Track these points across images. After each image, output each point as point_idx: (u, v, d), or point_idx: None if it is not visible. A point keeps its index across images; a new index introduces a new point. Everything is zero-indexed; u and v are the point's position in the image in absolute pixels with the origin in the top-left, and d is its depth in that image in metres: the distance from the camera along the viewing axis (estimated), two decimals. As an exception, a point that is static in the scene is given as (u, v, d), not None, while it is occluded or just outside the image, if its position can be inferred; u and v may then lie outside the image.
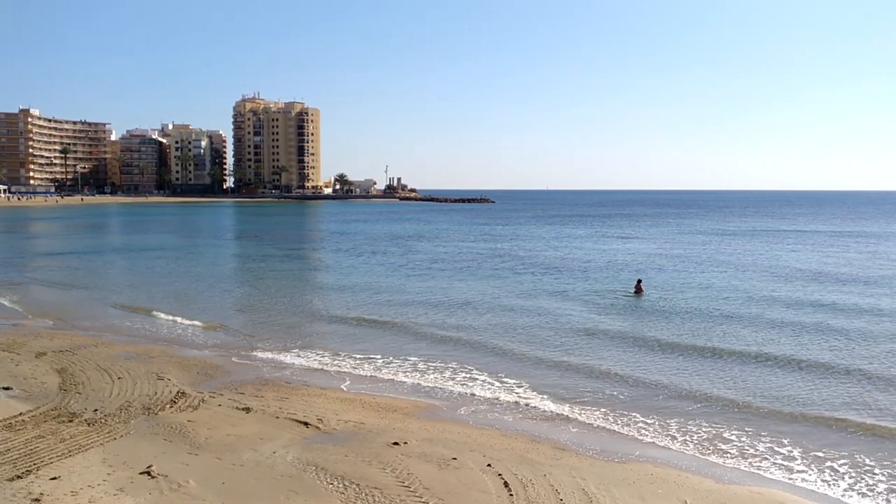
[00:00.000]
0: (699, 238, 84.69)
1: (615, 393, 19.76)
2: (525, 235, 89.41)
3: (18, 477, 11.82)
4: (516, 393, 19.70)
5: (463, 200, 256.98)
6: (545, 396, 19.35)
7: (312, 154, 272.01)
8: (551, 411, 18.11)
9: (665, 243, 76.19)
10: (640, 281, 39.72)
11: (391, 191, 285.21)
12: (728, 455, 15.13)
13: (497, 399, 19.17)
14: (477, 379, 21.10)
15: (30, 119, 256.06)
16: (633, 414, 17.89)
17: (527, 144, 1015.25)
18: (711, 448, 15.54)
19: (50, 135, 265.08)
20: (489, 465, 13.53)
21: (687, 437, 16.21)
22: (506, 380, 20.98)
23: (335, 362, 23.10)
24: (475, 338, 27.07)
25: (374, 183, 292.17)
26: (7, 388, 17.96)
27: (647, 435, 16.39)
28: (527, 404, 18.69)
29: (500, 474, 13.03)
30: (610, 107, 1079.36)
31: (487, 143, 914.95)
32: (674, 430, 16.67)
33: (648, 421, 17.35)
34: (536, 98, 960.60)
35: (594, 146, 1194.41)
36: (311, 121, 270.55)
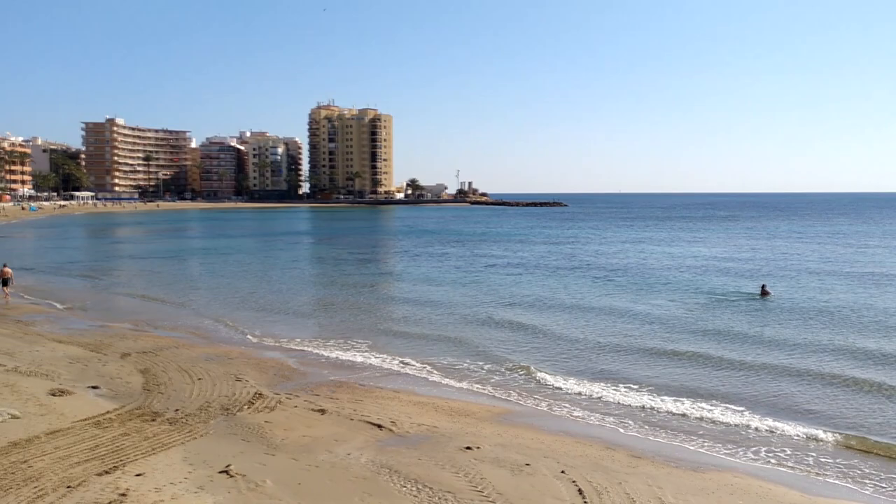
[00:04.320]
0: (800, 241, 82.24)
1: (696, 399, 19.29)
2: (606, 239, 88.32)
3: (107, 472, 12.22)
4: (592, 399, 19.46)
5: (535, 204, 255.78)
6: (622, 403, 19.07)
7: (385, 160, 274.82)
8: (628, 418, 17.83)
9: (763, 246, 74.28)
10: (764, 285, 39.14)
11: (462, 195, 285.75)
12: (816, 467, 14.58)
13: (571, 405, 18.97)
14: (551, 385, 20.91)
15: (115, 128, 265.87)
16: (714, 421, 17.46)
17: (601, 148, 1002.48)
18: (799, 459, 14.99)
19: (133, 143, 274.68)
20: (563, 471, 13.37)
21: (771, 447, 15.67)
22: (582, 385, 20.74)
23: (408, 365, 23.25)
24: (552, 343, 26.87)
25: (446, 187, 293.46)
26: (95, 387, 18.62)
27: (727, 443, 15.94)
28: (603, 410, 18.45)
29: (574, 481, 12.87)
30: (687, 111, 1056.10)
31: (561, 146, 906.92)
32: (756, 439, 16.18)
33: (729, 428, 16.90)
34: (612, 103, 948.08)
35: (666, 149, 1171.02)
36: (384, 127, 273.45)
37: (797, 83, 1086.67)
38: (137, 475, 12.16)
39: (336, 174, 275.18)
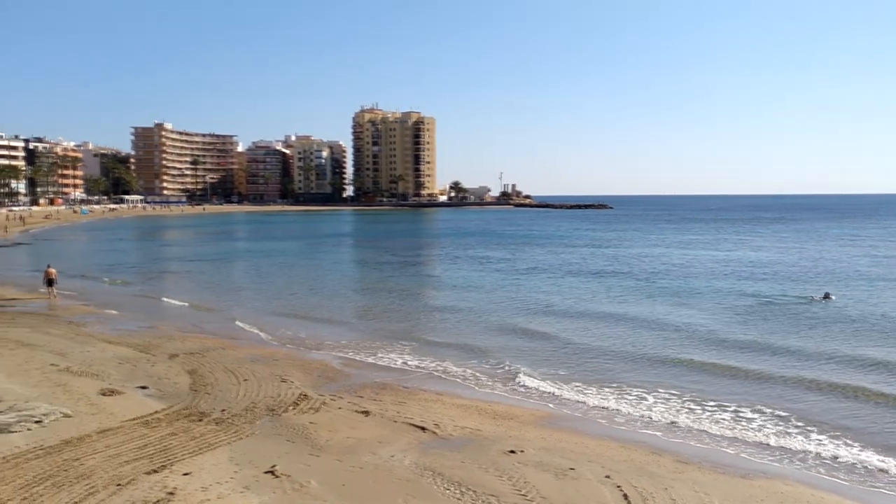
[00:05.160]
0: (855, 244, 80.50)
1: (744, 405, 18.93)
2: (650, 241, 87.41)
3: (155, 471, 12.43)
4: (636, 404, 19.23)
5: (579, 206, 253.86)
6: (668, 408, 18.81)
7: (428, 162, 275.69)
8: (673, 423, 17.57)
9: (812, 248, 72.87)
10: (828, 293, 38.28)
11: (505, 198, 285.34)
12: (869, 476, 14.12)
13: (616, 409, 18.76)
14: (594, 389, 20.71)
15: (163, 132, 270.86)
16: (762, 428, 17.10)
17: (647, 150, 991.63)
18: (851, 468, 14.55)
19: (182, 147, 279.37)
20: (608, 476, 13.24)
21: (822, 456, 15.22)
22: (625, 390, 20.49)
23: (451, 368, 23.22)
24: (594, 347, 26.62)
25: (489, 190, 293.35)
26: (144, 388, 18.95)
27: (776, 450, 15.60)
28: (647, 415, 18.22)
29: (619, 486, 12.73)
30: (735, 112, 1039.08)
31: (606, 148, 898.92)
32: (809, 446, 15.76)
33: (779, 436, 16.53)
34: (656, 104, 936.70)
35: (714, 151, 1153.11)
36: (427, 130, 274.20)
37: (851, 84, 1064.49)
38: (185, 474, 12.35)
39: (379, 177, 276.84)
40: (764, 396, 19.82)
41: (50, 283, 38.40)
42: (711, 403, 19.07)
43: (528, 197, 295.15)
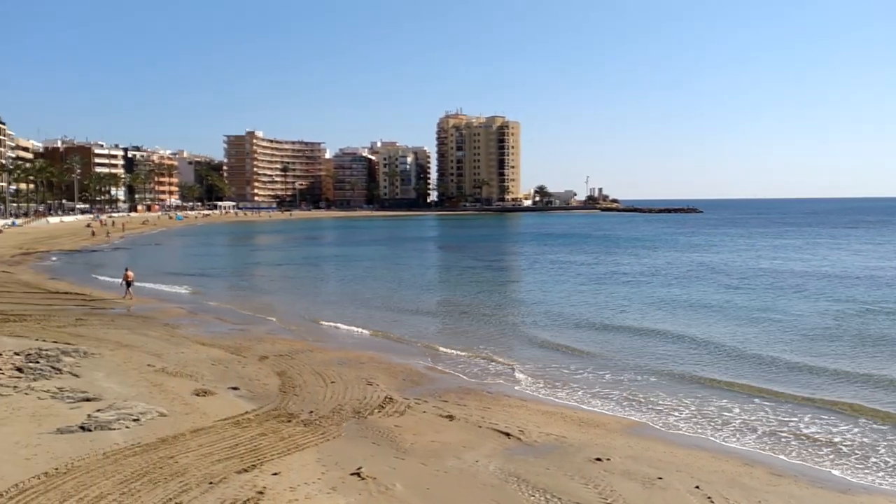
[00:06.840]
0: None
1: (844, 419, 18.11)
2: (738, 246, 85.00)
3: (245, 470, 12.74)
4: (724, 415, 18.65)
5: (668, 210, 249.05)
6: (760, 418, 18.18)
7: (512, 167, 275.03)
8: (767, 434, 16.97)
9: None
10: None
11: (592, 202, 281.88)
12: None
13: (705, 418, 18.25)
14: (683, 396, 20.21)
15: (255, 140, 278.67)
16: (864, 444, 16.27)
17: (736, 151, 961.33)
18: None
19: (272, 154, 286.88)
20: (697, 486, 12.88)
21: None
22: (716, 398, 19.93)
23: (536, 374, 23.04)
24: (683, 353, 26.02)
25: (575, 194, 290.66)
26: (235, 388, 19.47)
27: (877, 466, 14.83)
28: (739, 425, 17.65)
29: (709, 497, 12.37)
30: (834, 108, 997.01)
31: (695, 151, 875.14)
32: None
33: (882, 452, 15.72)
34: (743, 104, 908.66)
35: (814, 150, 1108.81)
36: (512, 134, 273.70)
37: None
38: (274, 474, 12.61)
39: (463, 182, 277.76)
40: (866, 408, 18.92)
41: (129, 284, 39.86)
42: (807, 417, 18.30)
43: (615, 201, 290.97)
